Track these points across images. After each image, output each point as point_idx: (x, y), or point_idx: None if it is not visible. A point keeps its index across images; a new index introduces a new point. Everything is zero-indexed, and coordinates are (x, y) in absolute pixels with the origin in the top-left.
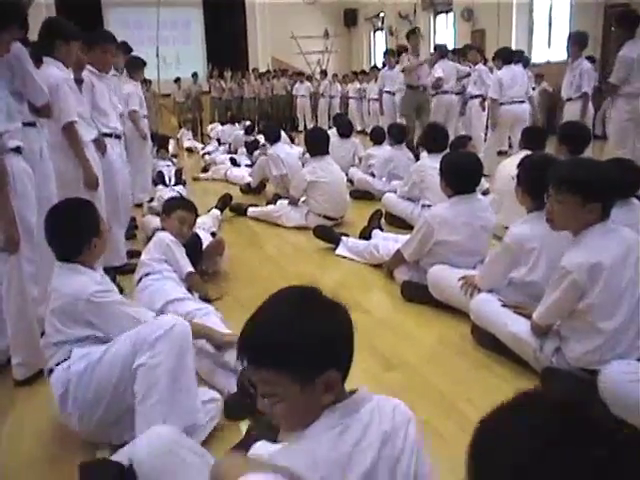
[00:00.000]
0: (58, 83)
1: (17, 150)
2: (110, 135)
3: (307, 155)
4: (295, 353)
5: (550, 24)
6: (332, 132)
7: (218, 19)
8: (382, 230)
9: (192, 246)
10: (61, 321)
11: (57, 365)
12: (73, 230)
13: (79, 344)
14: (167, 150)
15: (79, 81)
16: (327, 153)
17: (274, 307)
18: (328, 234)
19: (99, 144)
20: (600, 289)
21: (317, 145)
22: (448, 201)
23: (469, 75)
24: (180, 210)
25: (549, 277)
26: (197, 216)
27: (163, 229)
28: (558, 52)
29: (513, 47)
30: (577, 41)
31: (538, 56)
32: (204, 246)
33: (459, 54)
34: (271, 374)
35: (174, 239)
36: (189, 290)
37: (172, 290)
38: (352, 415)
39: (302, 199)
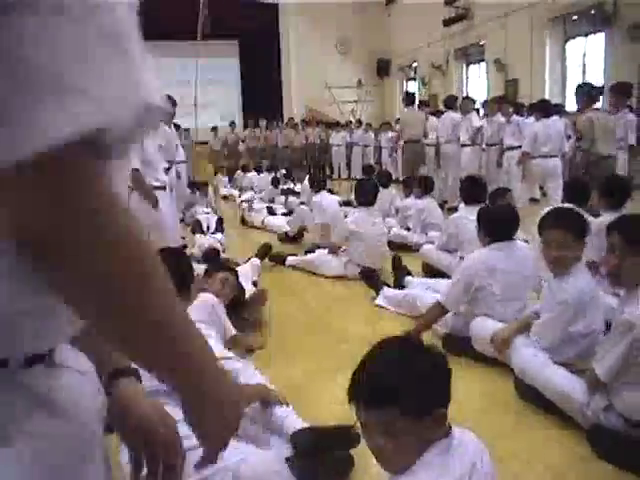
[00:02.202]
0: None
1: None
2: (159, 187)
3: (344, 207)
4: (411, 392)
5: (584, 72)
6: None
7: (254, 69)
8: (411, 275)
9: (235, 296)
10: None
11: None
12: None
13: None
14: (206, 195)
15: None
16: (373, 205)
17: (383, 356)
18: (374, 281)
19: (150, 197)
20: None
21: (365, 196)
22: (486, 247)
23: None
24: (223, 272)
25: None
26: (238, 277)
27: (204, 290)
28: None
29: (547, 96)
30: (621, 91)
31: (572, 105)
32: (247, 295)
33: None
34: (388, 413)
35: (217, 300)
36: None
37: (216, 349)
38: (448, 453)
39: (342, 248)
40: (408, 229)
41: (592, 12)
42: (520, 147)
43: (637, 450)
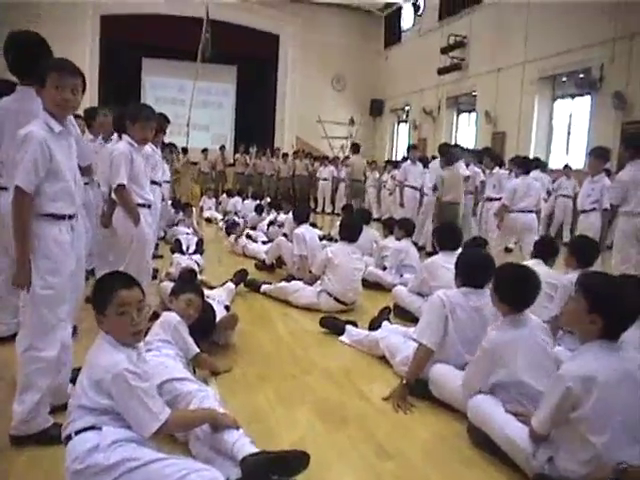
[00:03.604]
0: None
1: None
2: (143, 205)
3: (325, 241)
4: None
5: (569, 132)
6: None
7: (249, 96)
8: (390, 322)
9: (206, 318)
10: (89, 386)
11: (77, 434)
12: (92, 300)
13: (103, 417)
14: (190, 218)
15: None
16: (354, 241)
17: None
18: (333, 325)
19: (132, 214)
20: (592, 403)
21: (349, 231)
22: (458, 289)
23: (467, 179)
24: (188, 293)
25: (534, 377)
26: (204, 299)
27: (169, 309)
28: (576, 160)
29: (532, 151)
30: (600, 156)
31: (556, 162)
32: (217, 318)
33: (475, 157)
34: None
35: (180, 320)
36: (194, 369)
37: (172, 369)
38: None
39: (319, 282)
40: (385, 268)
41: (580, 76)
42: (499, 199)
43: None
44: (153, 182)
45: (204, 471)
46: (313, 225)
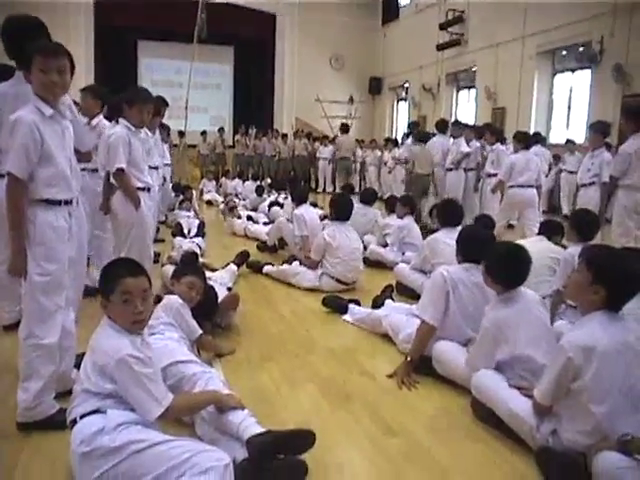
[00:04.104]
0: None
1: None
2: (143, 189)
3: (326, 220)
4: None
5: (569, 107)
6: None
7: (247, 76)
8: (393, 300)
9: (208, 299)
10: (93, 371)
11: (82, 417)
12: (99, 285)
13: (107, 401)
14: (190, 201)
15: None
16: (348, 220)
17: None
18: (336, 304)
19: (133, 198)
20: (592, 372)
21: (341, 211)
22: (460, 265)
23: (468, 155)
24: (190, 276)
25: (537, 350)
26: (206, 281)
27: (172, 292)
28: (576, 134)
29: (532, 127)
30: (599, 130)
31: (557, 137)
32: (219, 300)
33: (476, 132)
34: None
35: (183, 303)
36: (198, 350)
37: (176, 351)
38: None
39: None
40: (386, 246)
41: (580, 49)
42: (497, 175)
43: (581, 474)
44: (149, 167)
45: (210, 452)
46: (313, 205)
